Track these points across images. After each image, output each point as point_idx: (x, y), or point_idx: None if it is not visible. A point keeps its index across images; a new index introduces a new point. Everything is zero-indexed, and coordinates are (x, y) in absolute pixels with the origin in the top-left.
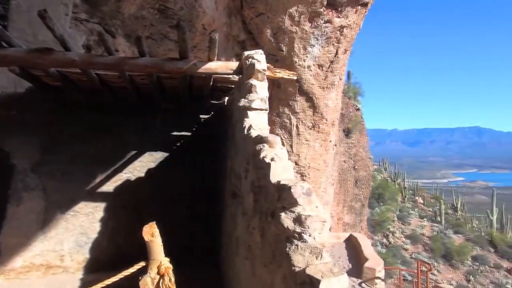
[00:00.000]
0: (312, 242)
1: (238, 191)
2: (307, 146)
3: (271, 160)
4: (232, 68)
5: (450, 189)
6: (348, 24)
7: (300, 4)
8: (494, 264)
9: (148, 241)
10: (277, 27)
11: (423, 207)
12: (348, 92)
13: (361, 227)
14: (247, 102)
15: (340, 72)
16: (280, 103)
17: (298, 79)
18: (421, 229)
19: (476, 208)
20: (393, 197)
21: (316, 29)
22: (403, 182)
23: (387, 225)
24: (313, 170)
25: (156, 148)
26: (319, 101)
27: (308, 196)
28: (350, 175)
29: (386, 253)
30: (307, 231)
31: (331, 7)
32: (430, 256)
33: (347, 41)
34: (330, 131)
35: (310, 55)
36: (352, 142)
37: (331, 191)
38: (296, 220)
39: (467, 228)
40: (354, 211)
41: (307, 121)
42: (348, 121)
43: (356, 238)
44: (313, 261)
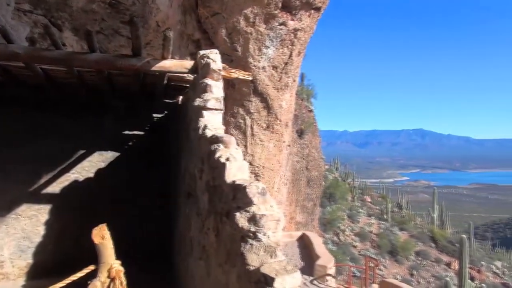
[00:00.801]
0: (267, 241)
1: (193, 191)
2: (261, 147)
3: (226, 160)
4: (187, 67)
5: (396, 188)
6: (302, 27)
7: (255, 6)
8: (435, 258)
9: (98, 244)
10: (232, 27)
11: (371, 205)
12: (302, 93)
13: (313, 225)
14: (202, 102)
15: (294, 74)
16: (235, 104)
17: (253, 80)
18: (369, 227)
19: (419, 206)
20: (344, 197)
21: (271, 31)
22: (352, 181)
23: (337, 223)
24: (267, 170)
25: (107, 147)
26: (273, 102)
27: (263, 195)
28: (302, 175)
29: (337, 251)
30: (261, 230)
31: (286, 10)
32: (377, 252)
33: (300, 43)
34: (284, 132)
35: (265, 56)
36: (305, 142)
37: (284, 191)
38: (251, 220)
39: (411, 225)
40: (306, 210)
41: (261, 122)
42: (301, 122)
43: (308, 237)
44: (267, 259)
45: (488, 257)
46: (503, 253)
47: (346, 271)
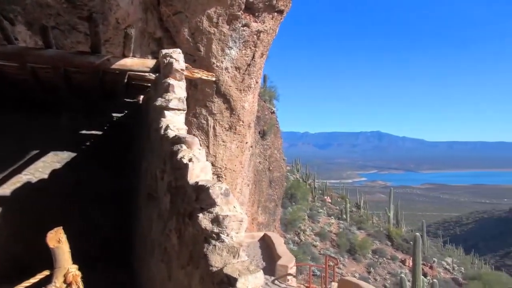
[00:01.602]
0: (230, 242)
1: (154, 192)
2: (224, 147)
3: (189, 161)
4: (148, 65)
5: (355, 189)
6: (265, 29)
7: (219, 6)
8: (391, 256)
9: (53, 248)
10: (195, 27)
11: (331, 206)
12: (264, 95)
13: (274, 226)
14: (164, 102)
15: (256, 76)
16: (197, 104)
17: (215, 81)
18: (329, 227)
19: (376, 205)
20: (304, 197)
21: (234, 32)
22: (313, 182)
23: (298, 223)
24: (229, 171)
25: (62, 147)
26: (236, 103)
27: (226, 196)
28: (265, 176)
29: (298, 251)
30: (224, 231)
31: (249, 12)
32: (337, 251)
33: (263, 45)
34: (247, 133)
35: (228, 57)
36: (267, 144)
37: (246, 192)
38: (214, 221)
39: (368, 224)
40: (268, 211)
41: (224, 123)
42: (263, 123)
43: (269, 237)
44: (230, 260)
45: (440, 253)
46: (453, 250)
47: (306, 270)
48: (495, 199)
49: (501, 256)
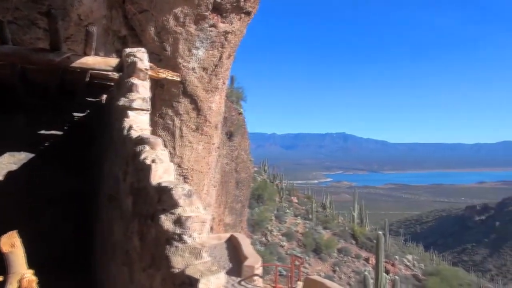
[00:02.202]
0: (192, 243)
1: (116, 194)
2: (190, 148)
3: (152, 162)
4: (111, 64)
5: (321, 189)
6: (232, 30)
7: (186, 6)
8: (355, 254)
9: (7, 253)
10: (162, 26)
11: (298, 206)
12: (231, 96)
13: (241, 227)
14: (127, 102)
15: (224, 76)
16: (163, 104)
17: (182, 81)
18: (295, 227)
19: (342, 205)
20: (271, 198)
21: (201, 32)
22: (280, 183)
23: (265, 224)
24: (196, 172)
25: (19, 148)
26: (203, 104)
27: (189, 197)
28: (231, 177)
29: (264, 251)
30: (187, 232)
31: (217, 12)
32: (303, 251)
33: (231, 46)
34: (214, 134)
35: (195, 57)
36: (234, 145)
37: (213, 193)
38: (176, 222)
39: (333, 224)
40: (235, 212)
41: (190, 123)
42: (230, 124)
43: (236, 238)
44: (192, 261)
45: (401, 251)
46: (413, 247)
47: (273, 270)
48: (453, 198)
49: (458, 252)
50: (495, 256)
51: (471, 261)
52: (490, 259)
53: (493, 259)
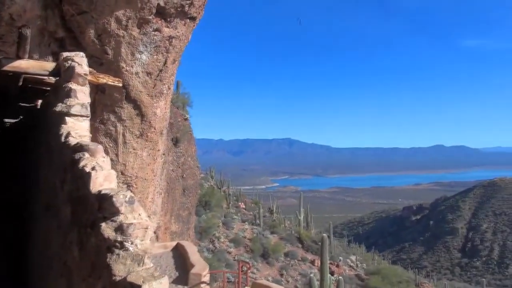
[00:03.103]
0: (134, 250)
1: (53, 203)
2: (134, 155)
3: (92, 169)
4: (47, 69)
5: (268, 194)
6: (177, 35)
7: (128, 9)
8: (301, 257)
9: None
10: (102, 28)
11: (245, 211)
12: (177, 101)
13: (188, 234)
14: (65, 107)
15: (169, 81)
16: (105, 110)
17: (125, 85)
18: (243, 232)
19: (288, 209)
20: (219, 204)
21: (145, 36)
22: (228, 189)
23: (213, 231)
24: (140, 179)
25: None
26: (147, 109)
27: (130, 204)
28: (178, 184)
29: (212, 258)
30: (129, 239)
31: (161, 17)
32: (251, 256)
33: (176, 51)
34: (159, 140)
35: (139, 61)
36: (180, 151)
37: (159, 200)
38: (118, 229)
39: (280, 228)
40: (182, 219)
41: (134, 129)
42: (176, 130)
43: (183, 246)
44: (134, 268)
45: (345, 252)
46: (356, 248)
47: (221, 277)
48: (391, 200)
49: (397, 251)
50: (429, 253)
51: (408, 259)
52: (425, 256)
53: (428, 256)
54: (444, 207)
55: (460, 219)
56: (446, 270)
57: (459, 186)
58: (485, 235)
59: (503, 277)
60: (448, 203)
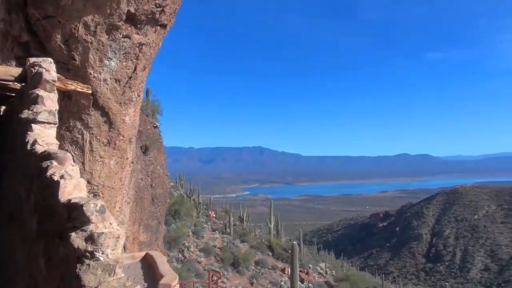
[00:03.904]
0: (105, 260)
1: (18, 213)
2: (101, 164)
3: (61, 178)
4: (12, 74)
5: (238, 202)
6: (148, 42)
7: (97, 14)
8: (272, 266)
9: None
10: (70, 33)
11: (215, 220)
12: (147, 109)
13: (157, 244)
14: (31, 114)
15: (138, 89)
16: (71, 117)
17: (93, 92)
18: (213, 242)
19: (259, 218)
20: (189, 213)
21: (114, 42)
22: (198, 198)
23: (182, 240)
24: (108, 189)
25: None
26: (115, 117)
27: (101, 213)
28: (147, 193)
29: (182, 268)
30: (100, 248)
31: (131, 23)
32: (221, 266)
33: (146, 58)
34: (127, 148)
35: (107, 68)
36: (149, 159)
37: (127, 210)
38: (88, 239)
39: (251, 237)
40: (151, 229)
41: (102, 137)
42: (146, 138)
43: (152, 256)
44: (105, 278)
45: (315, 259)
46: (326, 255)
47: (191, 287)
48: (359, 207)
49: (365, 257)
50: (396, 259)
51: (376, 265)
52: (392, 262)
53: (394, 262)
54: (409, 213)
55: (424, 225)
56: (411, 275)
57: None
58: (448, 241)
59: (465, 281)
60: (413, 210)
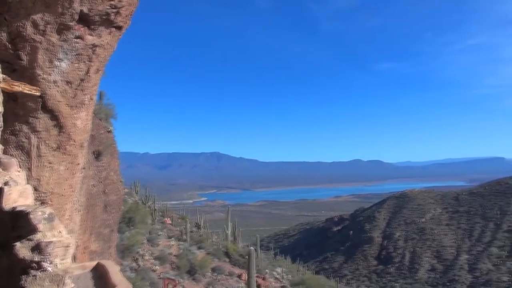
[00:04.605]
0: (54, 270)
1: None
2: (50, 170)
3: (5, 185)
4: None
5: (195, 209)
6: (102, 44)
7: (47, 13)
8: (228, 272)
9: None
10: (16, 32)
11: (171, 227)
12: (100, 113)
13: (110, 253)
14: None
15: (91, 92)
16: (17, 120)
17: (41, 94)
18: (169, 249)
19: (216, 224)
20: (143, 220)
21: (65, 43)
22: (153, 204)
23: (136, 248)
24: (57, 196)
25: None
26: (66, 120)
27: (50, 221)
28: (99, 199)
29: (135, 277)
30: (47, 258)
31: (84, 24)
32: (177, 273)
33: (99, 60)
34: (79, 153)
35: (57, 69)
36: (102, 165)
37: (77, 218)
38: (35, 249)
39: (208, 243)
40: (103, 237)
41: (51, 142)
42: (98, 143)
43: (103, 266)
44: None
45: (271, 265)
46: (282, 260)
47: None
48: (315, 212)
49: (320, 261)
50: (349, 262)
51: (331, 268)
52: (345, 265)
53: (348, 265)
54: (362, 217)
55: (376, 228)
56: (364, 278)
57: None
58: (398, 243)
59: (414, 281)
60: (366, 213)
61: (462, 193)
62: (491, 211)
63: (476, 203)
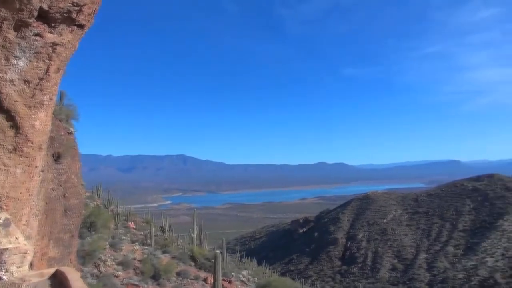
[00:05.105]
0: (9, 278)
1: None
2: (5, 173)
3: None
4: None
5: (160, 212)
6: (62, 43)
7: (4, 9)
8: (194, 276)
9: None
10: None
11: (135, 231)
12: (60, 114)
13: (70, 260)
14: None
15: (51, 92)
16: None
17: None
18: (132, 254)
19: (181, 227)
20: (106, 225)
21: (23, 40)
22: (116, 208)
23: (98, 254)
24: (13, 200)
25: None
26: (23, 121)
27: (6, 227)
28: (59, 204)
29: (97, 284)
30: (3, 266)
31: (43, 21)
32: (141, 279)
33: (60, 59)
34: (37, 156)
35: (14, 67)
36: (63, 168)
37: (35, 223)
38: None
39: (173, 247)
40: (63, 243)
41: (6, 143)
42: (58, 145)
43: (63, 273)
44: None
45: (238, 267)
46: (248, 263)
47: None
48: (281, 214)
49: (286, 263)
50: (314, 263)
51: (296, 270)
52: (311, 266)
53: (313, 266)
54: (327, 219)
55: (340, 230)
56: (328, 278)
57: (340, 199)
58: (361, 244)
59: (375, 281)
60: (331, 215)
61: (421, 194)
62: (448, 212)
63: (434, 204)
